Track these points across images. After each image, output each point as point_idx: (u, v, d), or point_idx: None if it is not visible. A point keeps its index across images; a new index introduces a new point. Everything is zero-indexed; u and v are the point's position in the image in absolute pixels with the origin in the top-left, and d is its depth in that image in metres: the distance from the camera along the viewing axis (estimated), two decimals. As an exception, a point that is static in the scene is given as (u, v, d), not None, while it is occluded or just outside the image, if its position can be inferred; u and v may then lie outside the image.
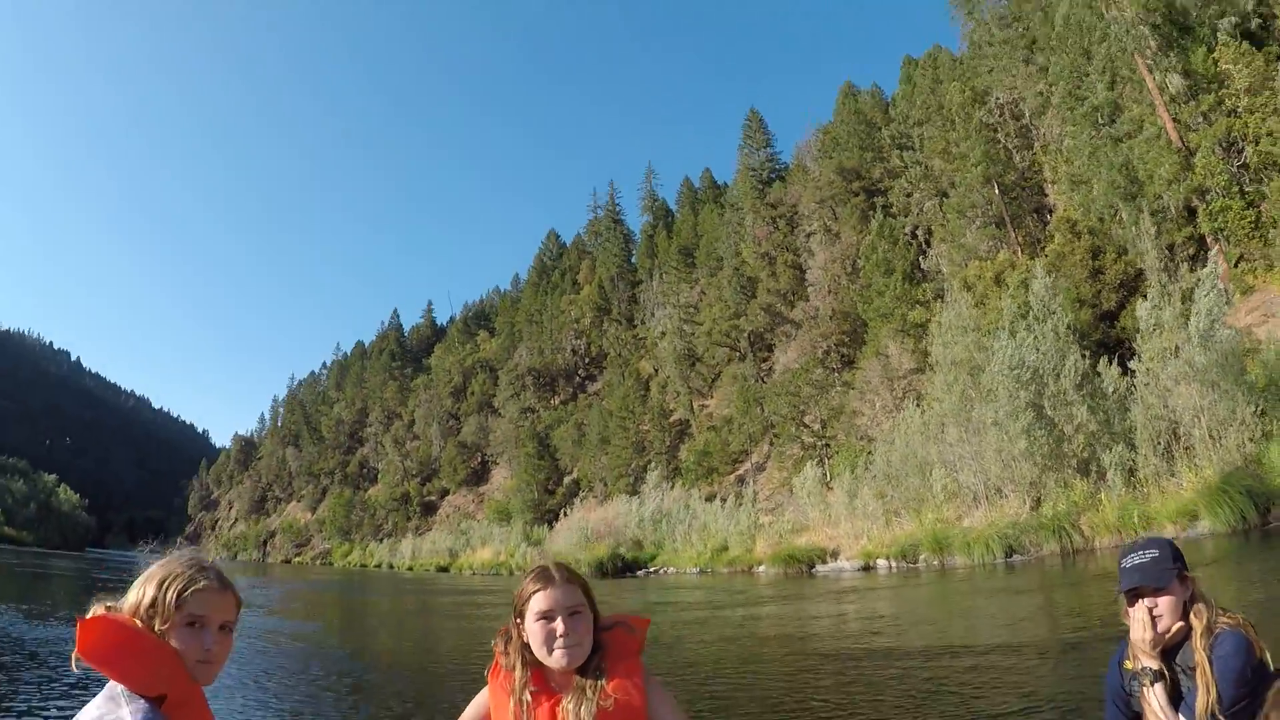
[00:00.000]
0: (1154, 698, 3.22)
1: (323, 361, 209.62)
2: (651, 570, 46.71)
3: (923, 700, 7.76)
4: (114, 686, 2.20)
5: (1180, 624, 3.23)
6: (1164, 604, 3.23)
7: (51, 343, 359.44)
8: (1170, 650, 3.28)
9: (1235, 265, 32.17)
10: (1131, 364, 26.32)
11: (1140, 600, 3.29)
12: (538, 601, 2.80)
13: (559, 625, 2.78)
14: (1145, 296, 27.47)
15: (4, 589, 24.85)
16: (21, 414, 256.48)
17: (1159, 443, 24.32)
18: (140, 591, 2.34)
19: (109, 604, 2.36)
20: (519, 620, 2.89)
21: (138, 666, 2.20)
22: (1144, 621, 3.26)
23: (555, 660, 2.78)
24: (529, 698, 2.79)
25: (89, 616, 2.26)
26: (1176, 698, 3.20)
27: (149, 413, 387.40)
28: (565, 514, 67.83)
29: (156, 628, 2.29)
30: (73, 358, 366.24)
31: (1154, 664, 3.25)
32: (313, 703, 9.84)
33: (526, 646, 2.86)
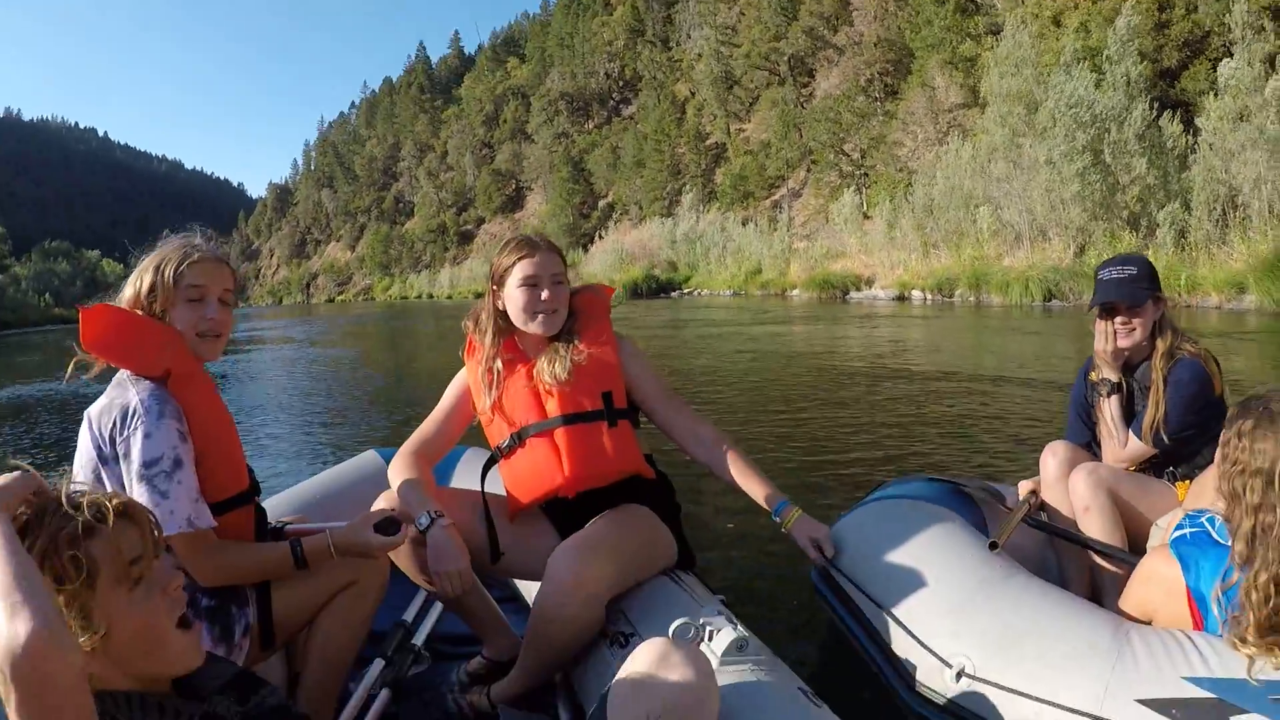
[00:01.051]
0: (1108, 408, 3.36)
1: (351, 101, 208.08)
2: (685, 292, 47.59)
3: (929, 419, 7.95)
4: (121, 373, 2.28)
5: (1144, 343, 3.33)
6: (1135, 324, 3.29)
7: (77, 123, 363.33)
8: (1133, 368, 3.39)
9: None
10: (1197, 122, 25.03)
11: (1113, 317, 3.34)
12: (523, 268, 2.79)
13: (544, 292, 2.79)
14: (1213, 60, 26.42)
15: (61, 362, 25.76)
16: (56, 198, 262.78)
17: (1214, 208, 23.31)
18: (137, 281, 2.35)
19: (109, 301, 2.37)
20: (496, 289, 2.89)
21: (139, 349, 2.25)
22: (1108, 334, 3.35)
23: (536, 326, 2.82)
24: (500, 366, 2.86)
25: (89, 307, 2.26)
26: (1132, 414, 3.35)
27: (182, 174, 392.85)
28: (600, 237, 68.64)
29: (157, 311, 2.32)
30: (100, 133, 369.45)
31: (1113, 376, 3.37)
32: (342, 413, 10.22)
33: (501, 315, 2.90)
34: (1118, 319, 3.33)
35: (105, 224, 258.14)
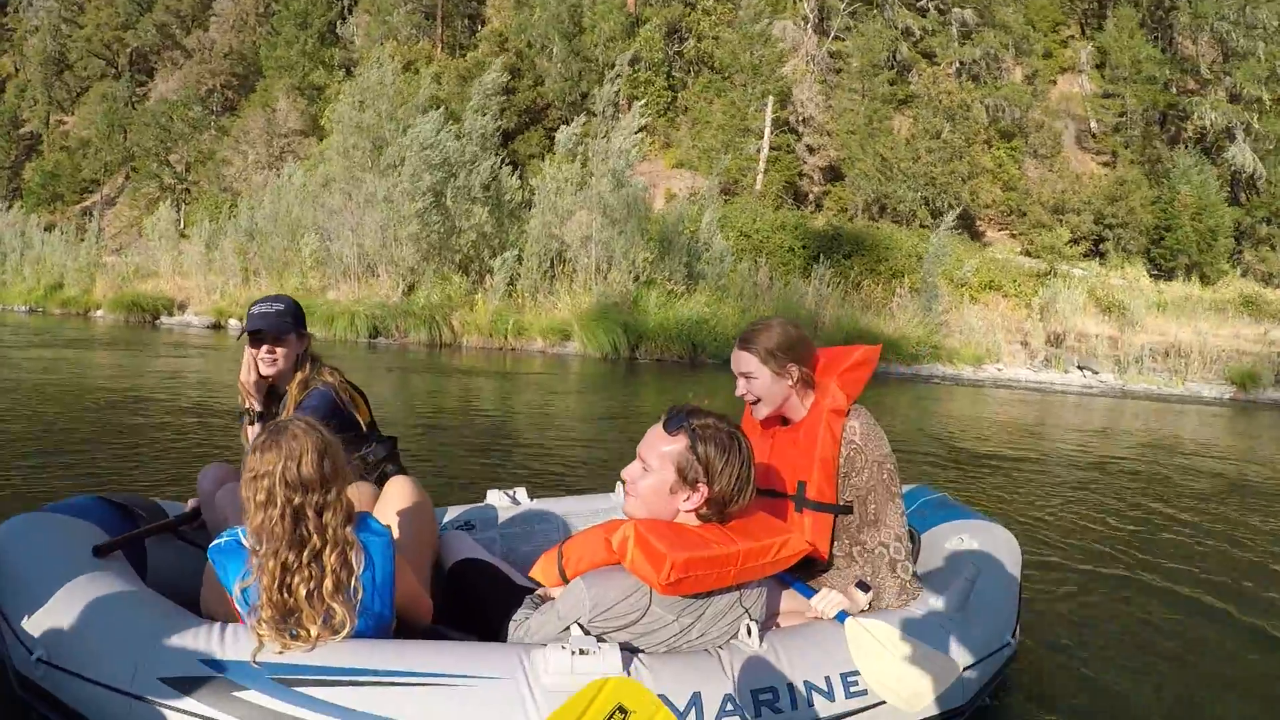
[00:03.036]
0: (250, 433, 3.63)
1: None
2: (-27, 304, 40.60)
3: (161, 447, 7.93)
4: None
5: (288, 373, 3.64)
6: (279, 354, 3.60)
7: None
8: (280, 397, 3.68)
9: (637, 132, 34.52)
10: (535, 180, 27.04)
11: (260, 345, 3.58)
12: None
13: None
14: (550, 129, 30.35)
15: None
16: None
17: (545, 260, 25.34)
18: None
19: None
20: None
21: None
22: (250, 364, 3.60)
23: None
24: None
25: None
26: None
27: None
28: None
29: None
30: None
31: (257, 405, 3.67)
32: None
33: None
34: (263, 348, 3.60)
35: None
